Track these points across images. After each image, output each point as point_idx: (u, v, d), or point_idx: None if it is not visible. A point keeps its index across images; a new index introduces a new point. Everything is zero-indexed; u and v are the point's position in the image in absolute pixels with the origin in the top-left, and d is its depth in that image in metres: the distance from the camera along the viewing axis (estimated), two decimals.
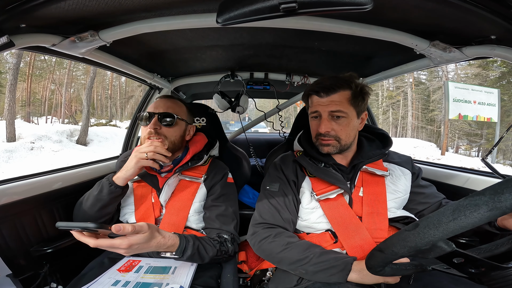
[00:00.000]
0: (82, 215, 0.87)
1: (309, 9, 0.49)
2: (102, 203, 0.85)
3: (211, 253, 0.78)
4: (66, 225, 0.55)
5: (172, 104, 0.95)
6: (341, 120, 0.81)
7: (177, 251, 0.70)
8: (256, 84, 1.58)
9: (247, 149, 1.68)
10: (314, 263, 0.69)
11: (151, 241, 0.63)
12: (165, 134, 0.91)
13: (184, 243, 0.72)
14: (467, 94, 9.62)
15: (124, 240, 0.58)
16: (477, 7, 0.61)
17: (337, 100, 0.80)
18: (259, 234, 0.79)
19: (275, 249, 0.75)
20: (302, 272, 0.71)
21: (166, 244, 0.68)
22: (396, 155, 0.95)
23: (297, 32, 0.87)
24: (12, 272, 0.79)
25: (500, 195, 0.36)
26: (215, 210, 0.91)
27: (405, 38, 0.84)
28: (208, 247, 0.78)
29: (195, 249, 0.74)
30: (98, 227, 0.54)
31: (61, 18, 0.69)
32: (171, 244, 0.69)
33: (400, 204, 0.87)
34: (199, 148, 1.01)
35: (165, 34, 0.94)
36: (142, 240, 0.61)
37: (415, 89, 19.94)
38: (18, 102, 18.16)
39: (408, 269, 0.57)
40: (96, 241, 0.57)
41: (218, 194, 0.94)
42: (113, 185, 0.84)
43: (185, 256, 0.72)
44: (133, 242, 0.59)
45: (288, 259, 0.73)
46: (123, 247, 0.58)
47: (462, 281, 0.66)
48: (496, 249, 0.50)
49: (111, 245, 0.58)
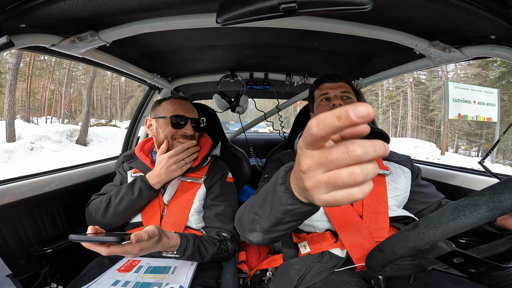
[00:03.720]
0: (109, 217, 0.87)
1: (309, 9, 0.49)
2: (139, 205, 0.88)
3: (211, 252, 0.79)
4: (81, 239, 0.51)
5: (194, 109, 1.00)
6: (349, 101, 0.87)
7: (178, 250, 0.71)
8: (256, 84, 1.58)
9: (247, 149, 1.68)
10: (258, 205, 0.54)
11: (158, 244, 0.65)
12: (194, 137, 0.97)
13: (185, 243, 0.73)
14: (467, 94, 9.62)
15: (136, 246, 0.59)
16: (477, 7, 0.61)
17: (345, 86, 0.90)
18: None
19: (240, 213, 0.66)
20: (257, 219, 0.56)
21: (169, 244, 0.69)
22: (395, 154, 0.96)
23: (297, 32, 0.87)
24: (12, 272, 0.79)
25: (500, 195, 0.36)
26: (214, 209, 0.91)
27: (405, 38, 0.84)
28: (208, 245, 0.79)
29: (196, 248, 0.75)
30: (121, 240, 0.54)
31: (61, 18, 0.69)
32: (174, 244, 0.70)
33: (401, 202, 0.87)
34: (206, 152, 1.02)
35: (165, 34, 0.94)
36: (152, 245, 0.63)
37: (415, 89, 19.94)
38: (18, 102, 18.15)
39: (408, 269, 0.57)
40: (109, 250, 0.58)
41: (217, 193, 0.95)
42: (152, 189, 0.87)
43: (186, 255, 0.73)
44: (143, 247, 0.61)
45: (246, 217, 0.61)
46: (134, 252, 0.60)
47: (462, 281, 0.66)
48: (496, 249, 0.50)
49: (124, 251, 0.59)
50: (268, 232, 0.52)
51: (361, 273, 0.77)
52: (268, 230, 0.51)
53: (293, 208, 0.39)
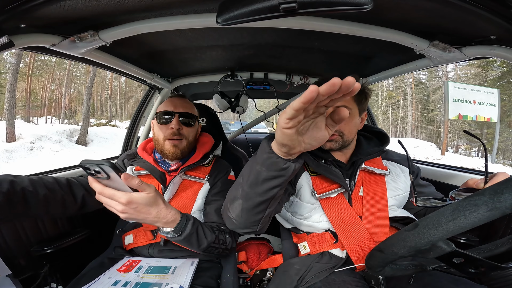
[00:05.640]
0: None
1: (309, 9, 0.49)
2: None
3: (209, 238, 0.76)
4: (88, 162, 0.50)
5: (188, 104, 0.97)
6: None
7: (176, 227, 0.66)
8: (256, 84, 1.58)
9: (247, 149, 1.68)
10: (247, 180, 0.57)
11: (152, 208, 0.59)
12: (185, 134, 0.92)
13: (184, 220, 0.68)
14: (467, 94, 9.62)
15: (126, 194, 0.54)
16: (477, 7, 0.61)
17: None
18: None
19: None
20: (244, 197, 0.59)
21: (166, 217, 0.63)
22: (395, 153, 0.96)
23: (297, 32, 0.87)
24: (12, 272, 0.79)
25: (499, 195, 0.36)
26: (215, 205, 0.91)
27: (405, 38, 0.84)
28: (207, 231, 0.76)
29: (194, 229, 0.71)
30: (113, 168, 0.49)
31: (61, 18, 0.69)
32: (172, 219, 0.64)
33: (401, 202, 0.87)
34: (207, 149, 1.02)
35: (165, 34, 0.94)
36: (143, 201, 0.57)
37: (415, 89, 19.94)
38: (18, 102, 18.15)
39: (408, 269, 0.57)
40: (102, 188, 0.54)
41: (218, 189, 0.95)
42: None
43: (184, 235, 0.68)
44: (133, 200, 0.55)
45: (232, 197, 0.63)
46: (122, 201, 0.54)
47: (462, 281, 0.66)
48: (496, 249, 0.50)
49: (112, 195, 0.54)
50: (247, 196, 0.56)
51: (361, 273, 0.77)
52: (248, 192, 0.56)
53: (270, 156, 0.49)
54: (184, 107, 0.94)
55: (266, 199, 0.56)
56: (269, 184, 0.52)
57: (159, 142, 0.91)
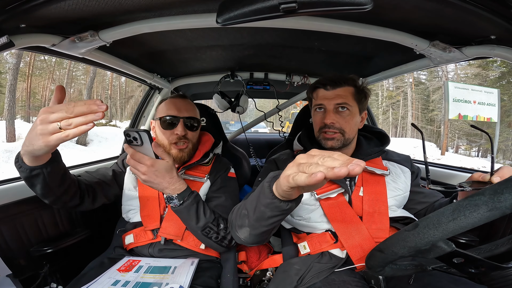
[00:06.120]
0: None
1: (309, 9, 0.49)
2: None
3: (208, 217, 0.79)
4: (131, 130, 0.63)
5: (191, 106, 0.96)
6: (346, 113, 0.83)
7: (180, 195, 0.74)
8: (256, 84, 1.58)
9: (247, 149, 1.68)
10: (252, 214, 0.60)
11: (167, 174, 0.70)
12: (190, 138, 0.92)
13: (189, 191, 0.76)
14: (467, 94, 9.60)
15: (151, 159, 0.66)
16: (477, 7, 0.61)
17: (343, 94, 0.83)
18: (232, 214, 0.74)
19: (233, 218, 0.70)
20: (251, 229, 0.63)
21: (175, 184, 0.73)
22: (395, 153, 0.96)
23: (297, 32, 0.87)
24: (12, 272, 0.79)
25: (499, 195, 0.36)
26: (214, 201, 0.91)
27: (405, 38, 0.84)
28: (207, 210, 0.80)
29: (195, 202, 0.77)
30: (148, 135, 0.62)
31: (61, 18, 0.69)
32: (179, 187, 0.74)
33: (401, 202, 0.87)
34: (207, 148, 1.02)
35: (165, 34, 0.94)
36: (162, 166, 0.68)
37: (415, 89, 19.93)
38: (18, 102, 18.14)
39: (408, 269, 0.57)
40: (134, 152, 0.66)
41: (218, 186, 0.96)
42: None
43: (185, 205, 0.75)
44: (155, 163, 0.67)
45: (240, 224, 0.66)
46: (147, 163, 0.66)
47: (462, 281, 0.66)
48: (496, 249, 0.50)
49: (141, 157, 0.66)
50: (254, 226, 0.61)
51: (361, 273, 0.77)
52: (254, 224, 0.60)
53: (273, 201, 0.50)
54: (188, 111, 0.93)
55: (272, 228, 0.62)
56: (273, 219, 0.56)
57: (164, 146, 0.90)
